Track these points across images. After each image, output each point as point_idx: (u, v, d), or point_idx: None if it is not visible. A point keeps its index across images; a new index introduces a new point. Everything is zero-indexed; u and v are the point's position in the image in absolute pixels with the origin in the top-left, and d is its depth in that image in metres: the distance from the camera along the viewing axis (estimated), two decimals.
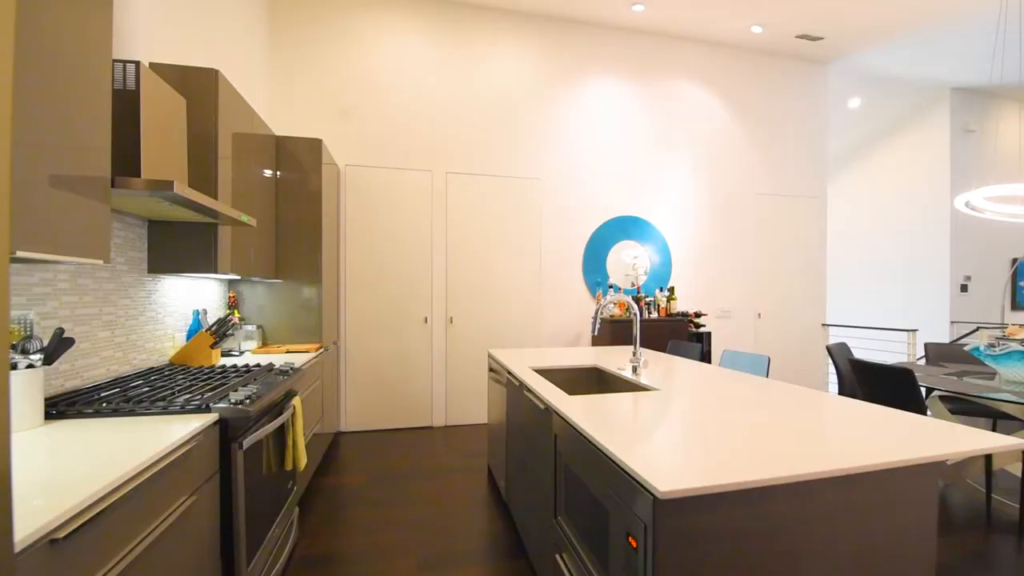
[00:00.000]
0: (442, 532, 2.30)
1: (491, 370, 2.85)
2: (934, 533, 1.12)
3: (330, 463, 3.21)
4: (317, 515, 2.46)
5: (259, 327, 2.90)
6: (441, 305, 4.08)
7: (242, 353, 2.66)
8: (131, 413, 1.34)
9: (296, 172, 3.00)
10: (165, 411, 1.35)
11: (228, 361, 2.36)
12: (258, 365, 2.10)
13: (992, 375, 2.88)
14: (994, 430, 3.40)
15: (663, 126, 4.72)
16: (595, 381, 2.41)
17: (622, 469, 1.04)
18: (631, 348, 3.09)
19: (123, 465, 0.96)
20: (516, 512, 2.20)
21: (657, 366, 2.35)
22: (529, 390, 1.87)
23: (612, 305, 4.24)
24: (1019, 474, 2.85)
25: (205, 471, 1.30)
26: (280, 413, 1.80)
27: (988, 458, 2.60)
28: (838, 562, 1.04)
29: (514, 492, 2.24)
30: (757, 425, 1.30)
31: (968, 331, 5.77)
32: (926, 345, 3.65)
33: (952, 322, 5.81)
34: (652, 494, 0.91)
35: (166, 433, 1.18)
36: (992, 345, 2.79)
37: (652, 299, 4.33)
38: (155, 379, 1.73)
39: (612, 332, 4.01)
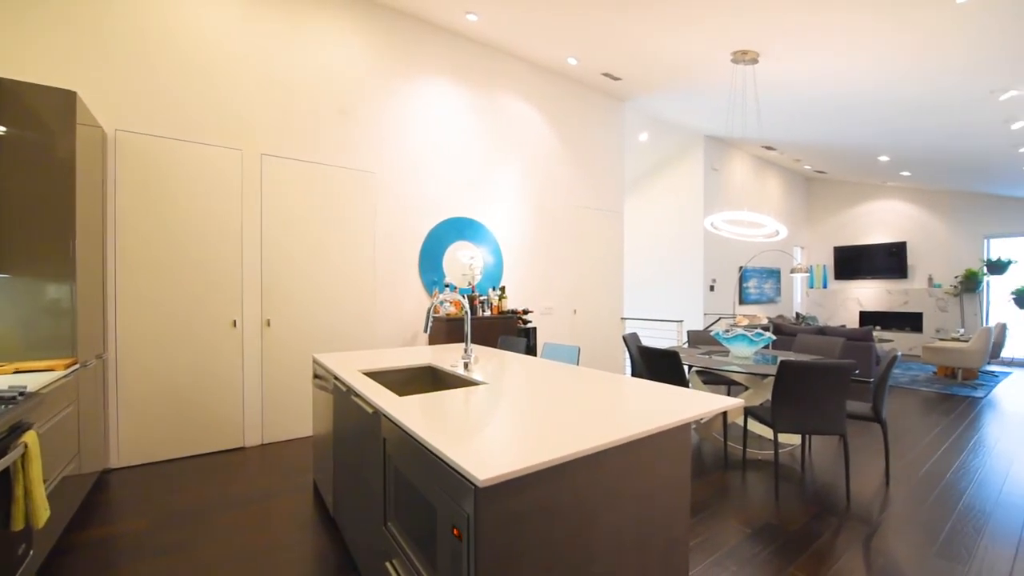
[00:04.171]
0: (256, 567, 2.02)
1: (316, 376, 2.62)
2: (689, 477, 1.45)
3: (94, 510, 2.51)
4: None
5: None
6: (255, 306, 3.57)
7: None
8: None
9: (34, 131, 2.26)
10: None
11: None
12: None
13: (727, 353, 3.86)
14: (729, 394, 4.55)
15: (496, 135, 5.00)
16: (430, 380, 2.42)
17: (446, 464, 1.06)
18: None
19: None
20: (344, 526, 2.07)
21: (488, 361, 2.48)
22: (357, 395, 1.77)
23: (449, 304, 4.32)
24: (742, 424, 3.87)
25: None
26: (1, 455, 1.34)
27: (724, 415, 3.47)
28: (625, 514, 1.26)
29: (342, 506, 2.10)
30: (566, 408, 1.49)
31: (714, 320, 7.61)
32: (689, 332, 4.67)
33: (705, 314, 7.58)
34: (473, 484, 0.96)
35: None
36: (727, 331, 3.73)
37: (486, 298, 4.56)
38: None
39: (448, 330, 4.08)
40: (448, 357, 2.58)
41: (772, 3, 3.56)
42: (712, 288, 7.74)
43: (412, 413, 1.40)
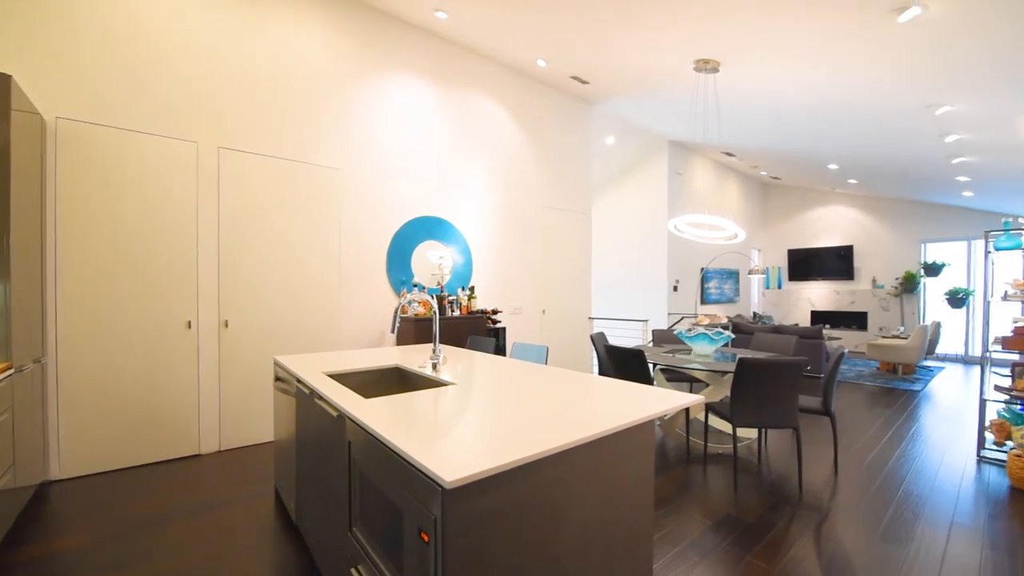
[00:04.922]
0: None
1: (278, 379, 2.53)
2: (652, 473, 1.49)
3: (31, 526, 2.33)
4: None
5: None
6: (212, 306, 3.41)
7: None
8: None
9: None
10: None
11: None
12: None
13: (689, 351, 3.98)
14: (691, 391, 4.69)
15: (466, 134, 4.97)
16: (397, 381, 2.39)
17: (413, 466, 1.05)
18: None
19: None
20: (308, 534, 2.01)
21: (457, 362, 2.46)
22: (320, 397, 1.73)
23: (417, 304, 4.27)
24: (703, 420, 4.01)
25: None
26: None
27: (687, 411, 3.58)
28: (591, 510, 1.28)
29: (305, 513, 2.04)
30: (534, 407, 1.50)
31: (677, 320, 7.84)
32: (653, 331, 4.80)
33: (669, 313, 7.80)
34: (440, 486, 0.96)
35: None
36: (689, 330, 3.85)
37: (455, 298, 4.53)
38: None
39: (417, 330, 4.04)
40: (416, 358, 2.55)
41: (731, 14, 3.70)
42: (675, 288, 7.98)
43: (378, 415, 1.38)
